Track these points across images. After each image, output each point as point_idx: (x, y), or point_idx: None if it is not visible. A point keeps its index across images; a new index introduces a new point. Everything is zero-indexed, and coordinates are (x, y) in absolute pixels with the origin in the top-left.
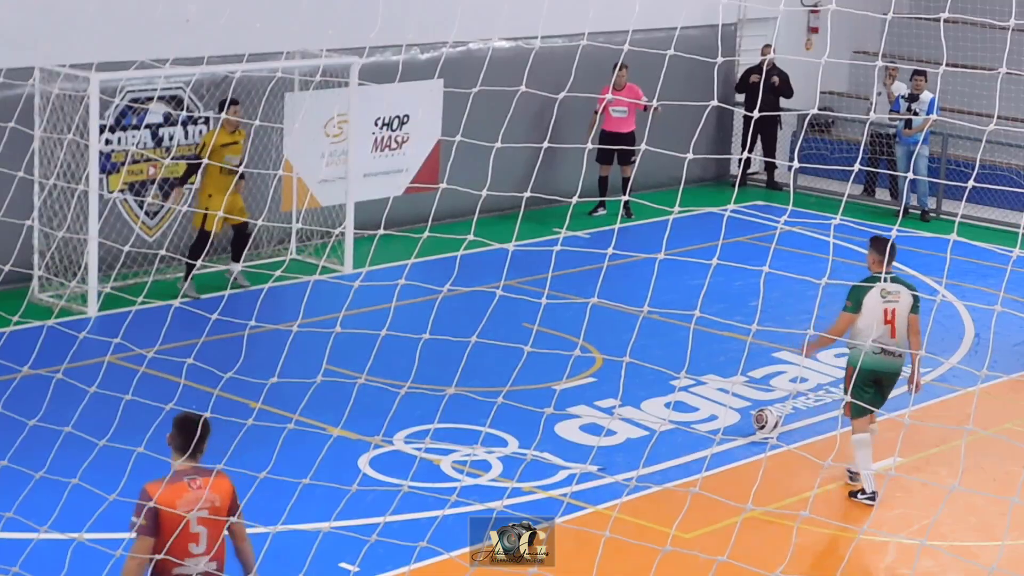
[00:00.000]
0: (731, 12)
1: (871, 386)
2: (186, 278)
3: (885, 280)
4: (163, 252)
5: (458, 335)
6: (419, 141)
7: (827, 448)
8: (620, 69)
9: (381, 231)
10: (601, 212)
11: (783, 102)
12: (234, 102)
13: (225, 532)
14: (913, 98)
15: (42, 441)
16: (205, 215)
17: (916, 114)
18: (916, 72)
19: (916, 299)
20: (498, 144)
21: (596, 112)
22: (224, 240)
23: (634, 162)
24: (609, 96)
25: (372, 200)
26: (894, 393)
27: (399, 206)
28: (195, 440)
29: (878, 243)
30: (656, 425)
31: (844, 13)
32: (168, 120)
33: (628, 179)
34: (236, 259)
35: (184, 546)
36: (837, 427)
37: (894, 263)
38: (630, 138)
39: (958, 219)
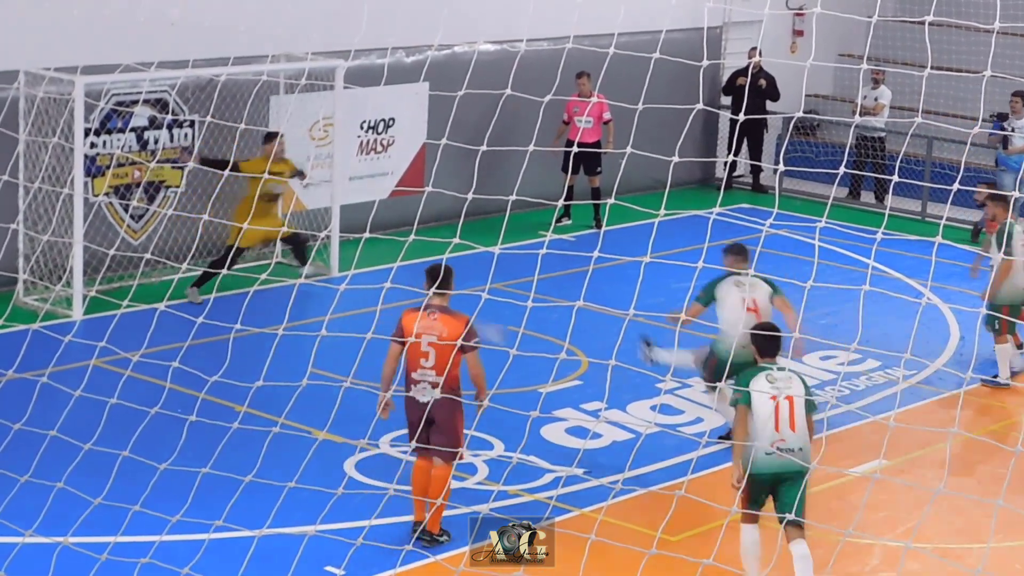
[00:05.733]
0: (716, 16)
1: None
2: (198, 283)
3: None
4: (148, 255)
5: None
6: (404, 144)
7: (813, 450)
8: (581, 77)
9: (367, 234)
10: (566, 222)
11: (769, 105)
12: (273, 136)
13: (463, 360)
14: (1003, 117)
15: (27, 444)
16: (240, 233)
17: (1013, 130)
18: (1014, 94)
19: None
20: (483, 147)
21: (564, 122)
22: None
23: (600, 172)
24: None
25: (358, 203)
26: (876, 396)
27: (384, 209)
28: (432, 282)
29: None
30: (642, 428)
31: (829, 16)
32: (153, 123)
33: (597, 189)
34: (303, 262)
35: (417, 359)
36: (823, 429)
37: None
38: (595, 148)
39: (943, 221)
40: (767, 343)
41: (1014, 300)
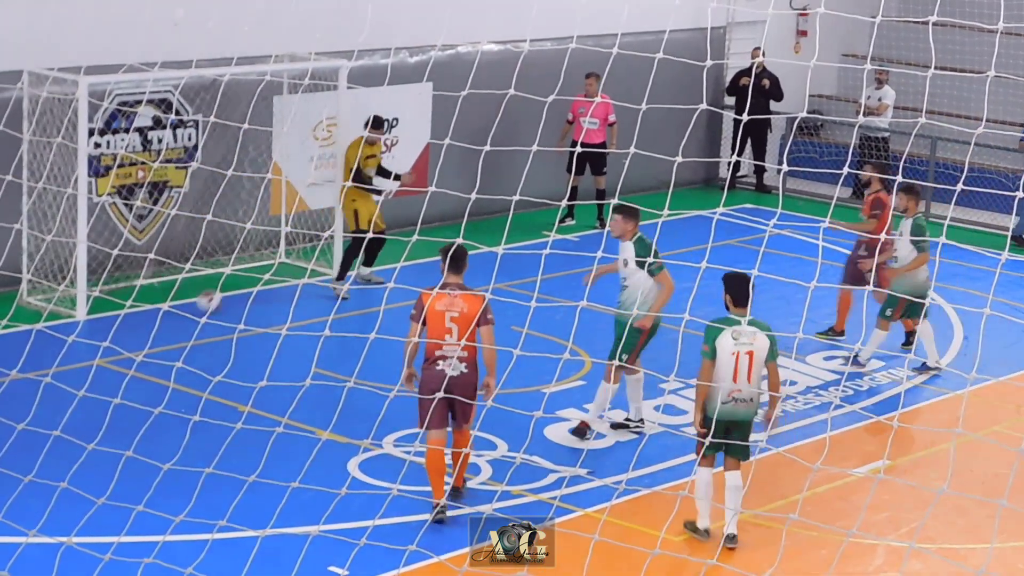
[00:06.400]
0: (720, 16)
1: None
2: (340, 277)
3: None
4: (152, 255)
5: None
6: (408, 144)
7: (816, 451)
8: (589, 78)
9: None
10: (570, 222)
11: (773, 105)
12: (378, 123)
13: (478, 335)
14: None
15: (31, 445)
16: (356, 217)
17: None
18: None
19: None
20: (487, 147)
21: (569, 121)
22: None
23: (605, 173)
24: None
25: None
26: (879, 397)
27: (388, 209)
28: (449, 262)
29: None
30: (645, 428)
31: (833, 16)
32: (157, 123)
33: (603, 190)
34: (369, 264)
35: (441, 335)
36: (827, 429)
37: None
38: (600, 148)
39: (947, 222)
40: (740, 293)
41: (911, 292)
